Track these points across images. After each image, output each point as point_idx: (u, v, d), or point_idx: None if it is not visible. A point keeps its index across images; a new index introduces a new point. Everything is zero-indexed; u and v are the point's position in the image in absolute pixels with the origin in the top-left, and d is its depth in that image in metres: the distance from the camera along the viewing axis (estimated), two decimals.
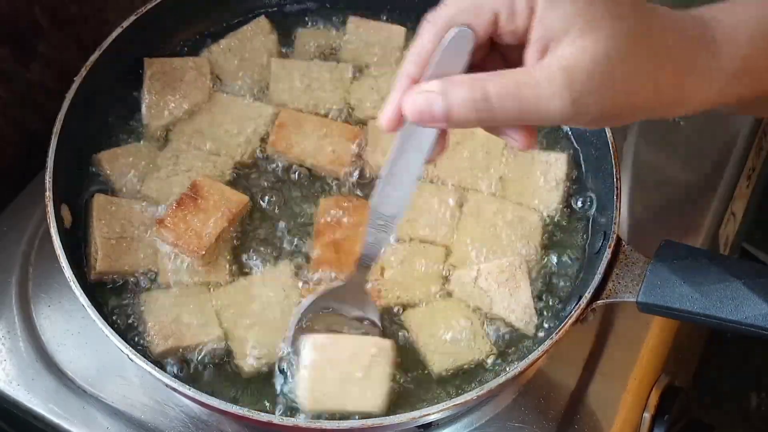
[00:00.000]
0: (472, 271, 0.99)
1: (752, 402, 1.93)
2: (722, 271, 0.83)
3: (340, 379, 0.88)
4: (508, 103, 0.66)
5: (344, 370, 0.88)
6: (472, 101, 0.66)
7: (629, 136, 1.25)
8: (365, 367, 0.88)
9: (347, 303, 0.93)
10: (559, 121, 0.68)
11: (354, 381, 0.88)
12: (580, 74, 0.64)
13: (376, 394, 0.88)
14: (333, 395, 0.88)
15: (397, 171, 0.76)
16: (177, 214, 0.98)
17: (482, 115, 0.67)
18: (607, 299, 0.90)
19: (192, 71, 1.11)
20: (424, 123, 0.69)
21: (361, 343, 0.90)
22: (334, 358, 0.88)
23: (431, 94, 0.67)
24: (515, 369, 0.86)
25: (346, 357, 0.88)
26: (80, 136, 1.04)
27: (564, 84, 0.64)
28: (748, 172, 1.30)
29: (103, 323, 0.87)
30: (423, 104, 0.68)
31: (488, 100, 0.66)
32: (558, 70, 0.64)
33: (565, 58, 0.64)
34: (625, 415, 1.02)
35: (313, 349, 0.88)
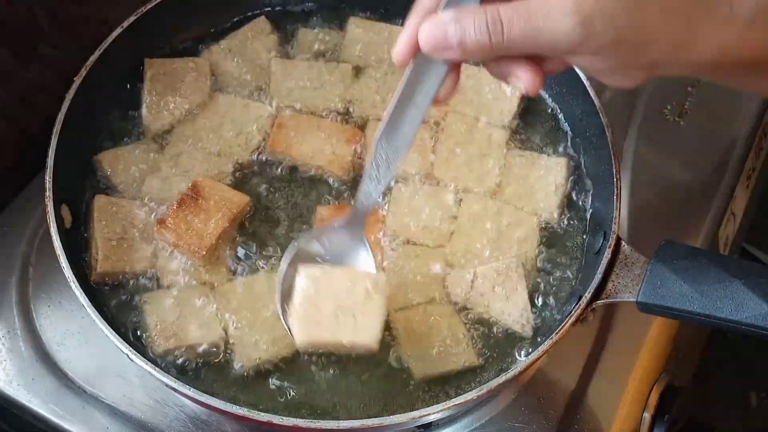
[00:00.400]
0: (469, 273, 0.99)
1: (752, 402, 1.93)
2: (722, 271, 0.83)
3: (334, 311, 0.86)
4: (519, 25, 0.68)
5: (339, 303, 0.86)
6: (485, 25, 0.68)
7: (629, 136, 1.25)
8: (360, 301, 0.87)
9: (341, 248, 0.91)
10: (567, 47, 0.68)
11: (349, 314, 0.86)
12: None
13: (371, 326, 0.87)
14: (327, 327, 0.86)
15: (405, 106, 0.76)
16: (178, 214, 0.98)
17: (494, 39, 0.69)
18: (607, 299, 0.90)
19: (192, 72, 1.11)
20: (438, 52, 0.71)
21: (356, 277, 0.88)
22: (328, 291, 0.87)
23: (446, 22, 0.70)
24: (515, 369, 0.86)
25: (341, 290, 0.87)
26: (80, 136, 1.04)
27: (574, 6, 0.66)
28: (748, 172, 1.30)
29: (103, 323, 0.87)
30: (438, 32, 0.70)
31: (499, 23, 0.68)
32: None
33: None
34: (625, 415, 1.02)
35: (307, 280, 0.87)
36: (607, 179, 1.00)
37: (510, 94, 1.11)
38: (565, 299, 0.99)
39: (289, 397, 0.93)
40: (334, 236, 0.91)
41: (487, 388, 0.85)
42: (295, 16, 1.21)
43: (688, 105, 1.28)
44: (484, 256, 1.01)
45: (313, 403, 0.93)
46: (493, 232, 1.02)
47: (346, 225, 0.91)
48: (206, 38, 1.17)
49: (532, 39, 0.69)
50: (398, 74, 1.13)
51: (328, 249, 0.91)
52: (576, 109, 1.09)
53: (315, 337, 0.86)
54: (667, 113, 1.27)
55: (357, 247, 0.92)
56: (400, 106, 0.76)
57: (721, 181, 1.23)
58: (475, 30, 0.69)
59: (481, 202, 1.04)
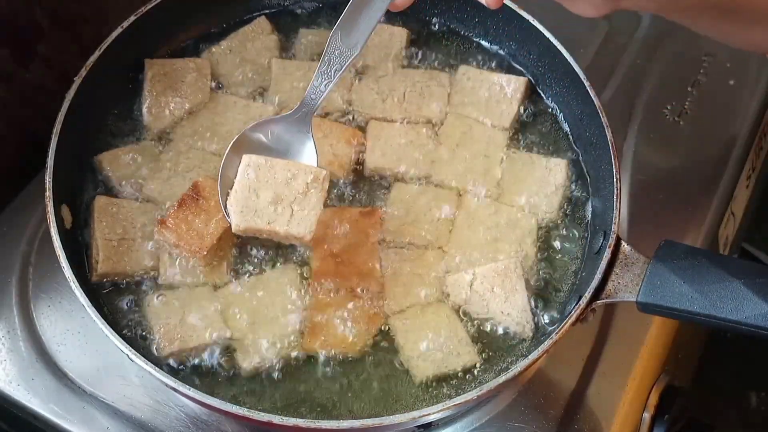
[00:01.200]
0: (468, 274, 0.99)
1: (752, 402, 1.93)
2: (722, 271, 0.83)
3: (273, 201, 0.89)
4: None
5: (278, 193, 0.89)
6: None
7: (629, 136, 1.25)
8: (300, 193, 0.89)
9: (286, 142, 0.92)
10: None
11: (287, 204, 0.89)
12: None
13: (307, 219, 0.90)
14: (264, 215, 0.89)
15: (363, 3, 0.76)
16: (178, 214, 0.98)
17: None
18: (607, 299, 0.90)
19: (193, 72, 1.11)
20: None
21: (298, 169, 0.90)
22: (269, 180, 0.89)
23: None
24: (515, 369, 0.86)
25: (281, 180, 0.89)
26: (80, 136, 1.04)
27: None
28: (748, 172, 1.30)
29: (103, 323, 0.87)
30: None
31: None
32: None
33: None
34: (625, 415, 1.02)
35: (249, 167, 0.89)
36: (607, 179, 1.00)
37: (510, 96, 1.11)
38: (564, 299, 0.99)
39: (289, 397, 0.93)
40: (279, 128, 0.91)
41: (487, 388, 0.85)
42: (295, 16, 1.21)
43: (688, 105, 1.28)
44: (483, 256, 1.01)
45: (313, 402, 0.93)
46: (493, 232, 1.02)
47: (293, 119, 0.91)
48: (206, 38, 1.17)
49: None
50: (398, 75, 1.13)
51: (272, 141, 0.92)
52: (576, 109, 1.09)
53: (251, 224, 0.89)
54: (667, 113, 1.27)
55: (302, 142, 0.92)
56: (359, 2, 0.76)
57: (721, 182, 1.23)
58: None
59: (481, 203, 1.04)
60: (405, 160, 1.07)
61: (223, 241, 0.99)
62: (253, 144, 0.92)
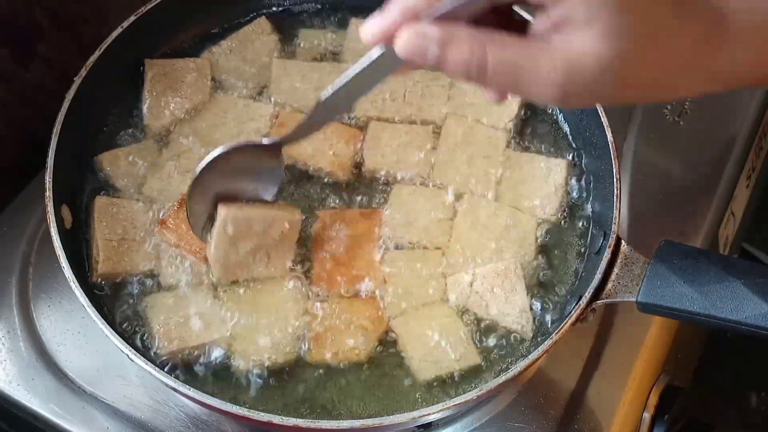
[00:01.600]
0: (468, 275, 0.98)
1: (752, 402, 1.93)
2: (722, 271, 0.83)
3: (251, 250, 0.94)
4: (502, 78, 0.65)
5: (256, 243, 0.94)
6: (467, 65, 0.65)
7: (629, 136, 1.25)
8: (276, 240, 0.94)
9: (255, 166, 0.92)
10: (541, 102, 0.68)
11: (264, 252, 0.95)
12: (581, 75, 0.64)
13: (282, 261, 0.97)
14: (243, 266, 0.95)
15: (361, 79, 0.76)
16: (179, 214, 0.97)
17: (472, 78, 0.66)
18: (607, 299, 0.90)
19: (193, 72, 1.11)
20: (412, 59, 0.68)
21: (274, 218, 0.94)
22: (247, 232, 0.93)
23: (429, 41, 0.66)
24: (515, 369, 0.86)
25: (259, 230, 0.93)
26: (80, 136, 1.04)
27: (563, 79, 0.64)
28: (748, 172, 1.30)
29: (103, 323, 0.87)
30: (418, 47, 0.67)
31: (483, 68, 0.65)
32: (560, 64, 0.64)
33: (574, 51, 0.64)
34: (625, 415, 1.02)
35: (225, 221, 0.91)
36: (607, 179, 1.00)
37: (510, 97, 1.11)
38: (564, 299, 0.99)
39: (289, 397, 0.93)
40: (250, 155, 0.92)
41: (487, 388, 0.85)
42: (295, 16, 1.21)
43: (688, 105, 1.28)
44: (483, 257, 1.01)
45: (313, 402, 0.93)
46: (493, 233, 1.02)
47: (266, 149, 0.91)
48: (207, 38, 1.17)
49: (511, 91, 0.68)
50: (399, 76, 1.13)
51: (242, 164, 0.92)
52: (576, 109, 1.09)
53: (233, 276, 0.96)
54: (667, 113, 1.27)
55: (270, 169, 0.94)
56: (353, 81, 0.76)
57: (721, 181, 1.23)
58: (456, 64, 0.66)
59: (480, 204, 1.04)
60: (405, 161, 1.07)
61: None
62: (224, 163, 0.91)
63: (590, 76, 0.64)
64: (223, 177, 0.91)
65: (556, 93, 0.65)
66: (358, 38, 1.16)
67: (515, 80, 0.65)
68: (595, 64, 0.63)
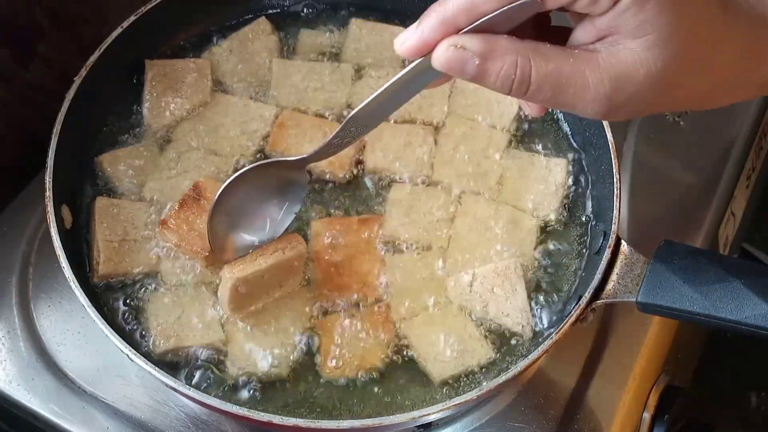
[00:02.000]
0: (468, 275, 0.98)
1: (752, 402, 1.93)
2: (722, 271, 0.83)
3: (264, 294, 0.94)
4: (547, 92, 0.63)
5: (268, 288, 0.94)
6: (510, 79, 0.63)
7: (629, 136, 1.25)
8: (284, 277, 0.94)
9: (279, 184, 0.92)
10: (583, 115, 0.66)
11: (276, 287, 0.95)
12: (628, 87, 0.62)
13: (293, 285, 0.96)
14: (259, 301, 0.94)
15: (394, 93, 0.73)
16: (180, 215, 0.97)
17: (512, 93, 0.64)
18: (607, 299, 0.90)
19: (193, 72, 1.11)
20: (449, 72, 0.65)
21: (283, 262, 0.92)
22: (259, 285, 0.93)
23: (469, 54, 0.63)
24: (515, 369, 0.86)
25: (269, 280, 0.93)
26: (80, 136, 1.04)
27: (609, 93, 0.62)
28: (748, 172, 1.30)
29: (103, 323, 0.86)
30: (457, 61, 0.64)
31: (526, 83, 0.63)
32: (608, 77, 0.62)
33: (622, 64, 0.62)
34: (625, 415, 1.02)
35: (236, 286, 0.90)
36: (607, 179, 1.00)
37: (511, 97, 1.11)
38: (564, 299, 0.99)
39: (289, 397, 0.93)
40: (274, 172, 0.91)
41: (487, 388, 0.85)
42: (296, 16, 1.21)
43: None
44: (483, 257, 1.01)
45: (313, 402, 0.93)
46: (493, 232, 1.02)
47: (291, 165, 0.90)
48: (207, 38, 1.17)
49: (552, 105, 0.65)
50: None
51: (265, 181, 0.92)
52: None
53: (245, 311, 0.95)
54: (667, 113, 1.27)
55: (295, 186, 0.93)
56: (387, 94, 0.73)
57: (721, 181, 1.23)
58: (496, 78, 0.63)
59: (480, 203, 1.04)
60: (405, 161, 1.07)
61: None
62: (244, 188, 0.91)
63: (639, 87, 0.62)
64: (246, 196, 0.91)
65: (603, 106, 0.63)
66: (358, 38, 1.17)
67: (560, 94, 0.63)
68: (644, 75, 0.62)
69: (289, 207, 0.94)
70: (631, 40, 0.62)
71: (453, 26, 0.64)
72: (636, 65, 0.62)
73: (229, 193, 0.90)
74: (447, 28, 0.64)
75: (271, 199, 0.93)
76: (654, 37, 0.61)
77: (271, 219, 0.95)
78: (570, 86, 0.63)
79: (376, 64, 1.15)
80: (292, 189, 0.93)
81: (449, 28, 0.64)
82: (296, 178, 0.92)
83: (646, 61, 0.62)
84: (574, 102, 0.63)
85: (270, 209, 0.94)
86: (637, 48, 0.62)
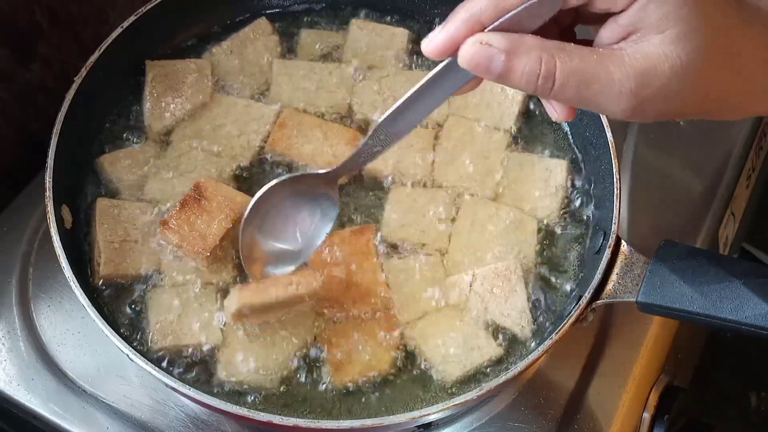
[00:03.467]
0: (468, 276, 0.98)
1: (752, 402, 1.93)
2: (722, 271, 0.83)
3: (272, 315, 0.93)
4: (572, 89, 0.63)
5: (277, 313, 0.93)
6: (535, 75, 0.63)
7: (629, 136, 1.25)
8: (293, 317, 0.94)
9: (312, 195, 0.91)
10: (610, 116, 0.66)
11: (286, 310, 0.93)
12: (654, 82, 0.62)
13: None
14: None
15: (420, 97, 0.72)
16: (181, 215, 0.97)
17: (537, 90, 0.64)
18: (607, 299, 0.90)
19: (194, 73, 1.11)
20: (475, 71, 0.65)
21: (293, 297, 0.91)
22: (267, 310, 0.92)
23: (495, 51, 0.63)
24: (515, 369, 0.86)
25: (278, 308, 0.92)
26: (80, 137, 1.04)
27: (634, 89, 0.62)
28: (748, 172, 1.30)
29: (103, 323, 0.86)
30: (483, 58, 0.64)
31: (551, 79, 0.63)
32: (634, 72, 0.62)
33: (647, 58, 0.62)
34: (625, 415, 1.02)
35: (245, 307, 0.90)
36: (607, 179, 1.00)
37: (511, 97, 1.11)
38: (564, 299, 0.99)
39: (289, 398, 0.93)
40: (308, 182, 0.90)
41: (487, 388, 0.85)
42: (296, 17, 1.21)
43: None
44: (483, 258, 1.01)
45: (314, 403, 0.93)
46: (493, 233, 1.02)
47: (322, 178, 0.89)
48: (207, 39, 1.17)
49: (577, 103, 0.65)
50: (400, 76, 1.13)
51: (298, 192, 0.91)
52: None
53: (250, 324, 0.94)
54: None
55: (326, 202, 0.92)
56: (416, 96, 0.72)
57: (721, 181, 1.23)
58: (522, 75, 0.63)
59: (480, 204, 1.04)
60: (405, 162, 1.07)
61: (225, 241, 0.98)
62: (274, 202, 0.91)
63: (665, 82, 0.62)
64: (276, 211, 0.91)
65: (630, 102, 0.63)
66: (358, 38, 1.17)
67: (585, 91, 0.63)
68: (669, 69, 0.62)
69: (320, 224, 0.93)
70: (654, 34, 0.62)
71: (479, 23, 0.65)
72: (661, 59, 0.62)
73: (259, 207, 0.89)
74: (473, 25, 0.65)
75: (301, 216, 0.92)
76: (677, 30, 0.62)
77: (303, 238, 0.93)
78: (595, 82, 0.63)
79: (377, 65, 1.15)
80: (324, 205, 0.92)
81: (475, 25, 0.65)
82: (327, 193, 0.90)
83: (670, 55, 0.62)
84: (600, 99, 0.63)
85: (301, 227, 0.93)
86: (661, 42, 0.62)
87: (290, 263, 0.94)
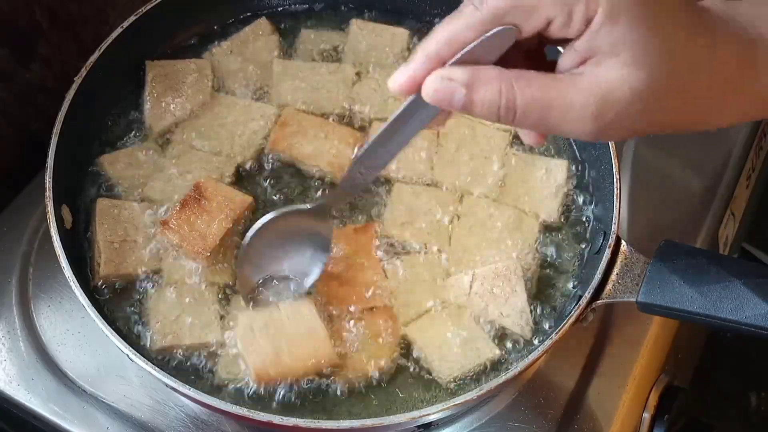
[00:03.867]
0: (468, 276, 0.98)
1: (752, 402, 1.93)
2: (722, 271, 0.83)
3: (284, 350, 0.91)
4: (533, 116, 0.64)
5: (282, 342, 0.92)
6: (495, 106, 0.64)
7: None
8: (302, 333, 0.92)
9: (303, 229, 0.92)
10: (577, 138, 0.67)
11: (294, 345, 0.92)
12: (614, 106, 0.63)
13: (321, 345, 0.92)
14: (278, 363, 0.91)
15: (394, 132, 0.75)
16: (181, 215, 0.97)
17: (501, 120, 0.65)
18: (607, 299, 0.90)
19: (194, 73, 1.11)
20: (440, 105, 0.67)
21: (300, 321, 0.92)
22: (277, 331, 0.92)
23: (455, 85, 0.65)
24: (515, 369, 0.86)
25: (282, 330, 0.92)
26: (80, 137, 1.04)
27: (595, 113, 0.63)
28: (748, 172, 1.30)
29: (103, 323, 0.87)
30: (444, 92, 0.65)
31: (512, 109, 0.64)
32: (593, 96, 0.63)
33: (605, 81, 0.62)
34: (625, 415, 1.02)
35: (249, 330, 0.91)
36: (607, 179, 1.00)
37: None
38: (564, 299, 0.99)
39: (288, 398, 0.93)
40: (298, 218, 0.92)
41: (487, 388, 0.85)
42: (296, 17, 1.21)
43: None
44: (483, 258, 1.01)
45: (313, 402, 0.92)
46: (493, 233, 1.02)
47: (312, 212, 0.92)
48: (207, 38, 1.17)
49: (542, 129, 0.66)
50: None
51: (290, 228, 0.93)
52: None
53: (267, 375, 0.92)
54: None
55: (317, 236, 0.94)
56: (387, 134, 0.75)
57: (721, 181, 1.23)
58: (483, 106, 0.64)
59: (481, 204, 1.04)
60: (405, 162, 1.07)
61: (226, 241, 0.99)
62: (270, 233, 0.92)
63: (623, 106, 0.63)
64: (269, 245, 0.93)
65: (592, 126, 0.63)
66: (358, 38, 1.17)
67: (547, 117, 0.64)
68: (630, 91, 0.62)
69: (314, 257, 0.95)
70: (610, 58, 0.63)
71: (438, 60, 0.66)
72: (620, 82, 0.62)
73: (252, 243, 0.92)
74: (433, 62, 0.66)
75: (295, 250, 0.94)
76: (631, 53, 0.62)
77: (298, 271, 0.95)
78: (555, 109, 0.63)
79: (376, 64, 1.15)
80: (317, 239, 0.94)
81: (435, 62, 0.66)
82: (318, 227, 0.93)
83: (628, 78, 0.62)
84: (562, 124, 0.64)
85: (295, 260, 0.95)
86: (615, 66, 0.62)
87: (288, 294, 0.96)
